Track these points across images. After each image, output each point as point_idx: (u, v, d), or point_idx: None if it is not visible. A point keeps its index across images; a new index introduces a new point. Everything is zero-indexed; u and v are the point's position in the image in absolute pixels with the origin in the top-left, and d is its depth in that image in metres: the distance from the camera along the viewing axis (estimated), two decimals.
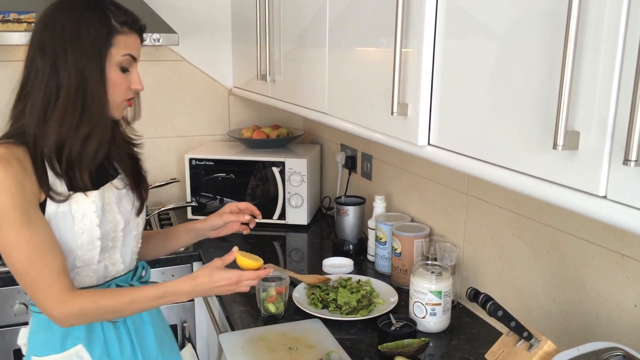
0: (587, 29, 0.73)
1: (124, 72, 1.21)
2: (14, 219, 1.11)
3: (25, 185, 1.12)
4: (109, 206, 1.26)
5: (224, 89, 2.64)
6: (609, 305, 1.19)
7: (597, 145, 0.73)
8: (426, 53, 1.07)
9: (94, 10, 1.17)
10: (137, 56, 1.23)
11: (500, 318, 1.11)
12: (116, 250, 1.30)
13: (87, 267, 1.25)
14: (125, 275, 1.34)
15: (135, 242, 1.35)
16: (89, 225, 1.21)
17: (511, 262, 1.47)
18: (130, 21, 1.20)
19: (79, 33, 1.14)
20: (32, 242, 1.12)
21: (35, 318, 1.29)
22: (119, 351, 1.30)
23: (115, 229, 1.27)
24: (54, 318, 1.16)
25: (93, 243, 1.22)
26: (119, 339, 1.30)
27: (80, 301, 1.16)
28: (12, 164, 1.11)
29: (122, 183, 1.32)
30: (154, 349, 1.37)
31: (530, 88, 0.84)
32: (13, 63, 2.31)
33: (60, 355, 1.25)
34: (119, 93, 1.21)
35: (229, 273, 1.25)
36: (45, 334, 1.26)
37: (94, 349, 1.27)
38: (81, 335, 1.25)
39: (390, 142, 1.24)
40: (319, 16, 1.55)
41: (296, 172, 2.26)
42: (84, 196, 1.20)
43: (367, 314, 1.56)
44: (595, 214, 0.76)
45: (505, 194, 1.46)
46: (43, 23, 1.18)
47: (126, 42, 1.19)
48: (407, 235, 1.73)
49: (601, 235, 1.19)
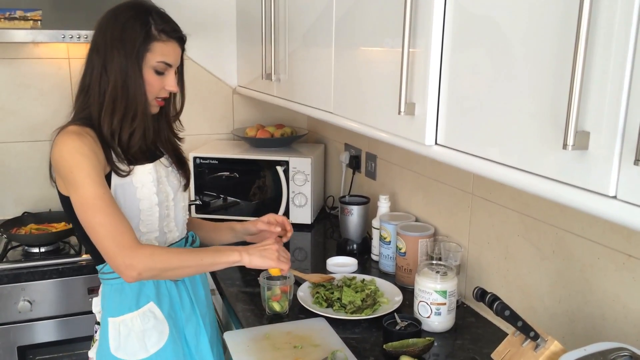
0: (598, 28, 0.73)
1: (159, 75, 1.39)
2: (91, 179, 1.27)
3: (97, 154, 1.31)
4: (161, 179, 1.46)
5: (229, 88, 2.64)
6: (615, 306, 1.19)
7: (608, 145, 0.73)
8: (434, 52, 1.07)
9: (139, 18, 1.35)
10: (173, 62, 1.40)
11: (507, 318, 1.10)
12: (170, 219, 1.49)
13: (150, 234, 1.44)
14: (179, 242, 1.53)
15: (183, 212, 1.55)
16: (147, 193, 1.40)
17: (516, 262, 1.47)
18: (169, 29, 1.38)
19: (123, 37, 1.33)
20: (106, 199, 1.28)
21: (107, 284, 1.44)
22: (181, 307, 1.48)
23: (167, 199, 1.47)
24: (126, 266, 1.26)
25: (152, 209, 1.42)
26: (180, 296, 1.48)
27: (151, 247, 1.30)
28: (85, 136, 1.31)
29: (167, 162, 1.52)
30: (204, 306, 1.56)
31: (540, 87, 0.84)
32: (19, 60, 2.32)
33: (136, 313, 1.41)
34: (152, 92, 1.39)
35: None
36: (119, 296, 1.41)
37: (163, 305, 1.44)
38: (151, 293, 1.43)
39: (396, 141, 1.24)
40: (325, 15, 1.55)
41: (300, 172, 2.26)
42: (142, 169, 1.40)
43: (372, 313, 1.56)
44: (605, 214, 0.75)
45: (510, 194, 1.46)
46: (99, 26, 1.37)
47: (162, 49, 1.37)
48: (411, 235, 1.72)
49: (608, 236, 1.19)
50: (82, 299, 2.01)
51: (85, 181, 1.27)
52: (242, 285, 1.79)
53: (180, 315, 1.48)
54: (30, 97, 2.36)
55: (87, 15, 2.05)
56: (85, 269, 1.99)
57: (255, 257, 1.36)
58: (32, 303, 1.95)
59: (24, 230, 2.15)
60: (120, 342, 1.41)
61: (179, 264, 1.32)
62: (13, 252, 2.07)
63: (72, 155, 1.28)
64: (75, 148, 1.28)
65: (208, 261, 1.34)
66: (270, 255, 1.37)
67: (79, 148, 1.28)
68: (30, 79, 2.35)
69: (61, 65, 2.38)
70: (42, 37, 1.99)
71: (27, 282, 1.94)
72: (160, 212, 1.44)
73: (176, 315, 1.48)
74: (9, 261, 1.99)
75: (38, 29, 1.98)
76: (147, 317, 1.42)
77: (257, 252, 1.37)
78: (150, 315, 1.42)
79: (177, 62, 1.43)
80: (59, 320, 2.01)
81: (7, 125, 2.35)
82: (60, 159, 1.30)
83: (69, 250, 2.09)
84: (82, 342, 2.02)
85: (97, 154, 1.31)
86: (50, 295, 1.98)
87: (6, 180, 2.39)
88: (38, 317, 1.98)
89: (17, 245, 2.10)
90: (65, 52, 2.37)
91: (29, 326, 1.97)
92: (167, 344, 1.43)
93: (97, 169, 1.29)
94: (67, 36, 1.99)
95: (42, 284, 1.96)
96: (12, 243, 2.11)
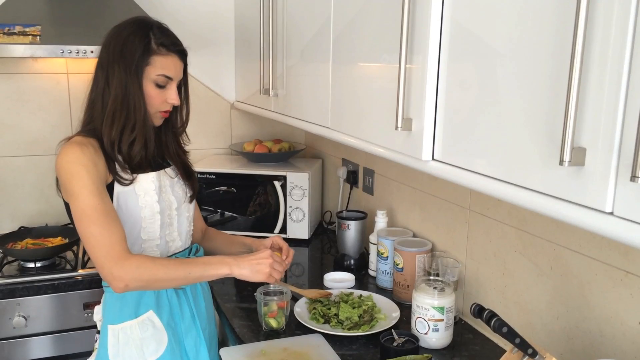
0: (593, 45, 0.73)
1: (160, 88, 1.41)
2: (88, 189, 1.30)
3: (98, 164, 1.34)
4: (165, 188, 1.48)
5: (227, 103, 2.64)
6: (613, 322, 1.18)
7: (604, 162, 0.73)
8: (431, 68, 1.08)
9: (139, 33, 1.38)
10: (174, 76, 1.42)
11: (504, 334, 1.10)
12: (173, 228, 1.51)
13: (151, 242, 1.46)
14: (182, 252, 1.55)
15: (188, 223, 1.57)
16: (149, 201, 1.43)
17: (514, 278, 1.46)
18: (168, 43, 1.40)
19: (124, 52, 1.37)
20: (101, 210, 1.31)
21: (108, 292, 1.46)
22: (181, 317, 1.50)
23: (170, 207, 1.49)
24: (113, 276, 1.28)
25: (154, 216, 1.44)
26: (181, 306, 1.50)
27: (138, 259, 1.31)
28: (87, 146, 1.34)
29: (174, 172, 1.55)
30: (204, 319, 1.57)
31: (536, 104, 0.85)
32: (17, 75, 2.33)
33: (135, 321, 1.43)
34: (154, 105, 1.42)
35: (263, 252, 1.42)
36: (119, 304, 1.43)
37: (163, 314, 1.46)
38: (151, 302, 1.44)
39: (394, 156, 1.24)
40: (323, 31, 1.56)
41: (297, 187, 2.26)
42: (145, 177, 1.43)
43: (369, 330, 1.55)
44: (602, 231, 0.75)
45: (508, 210, 1.46)
46: (104, 42, 1.42)
47: (162, 63, 1.39)
48: (409, 250, 1.72)
49: (605, 252, 1.19)
50: (78, 314, 1.99)
51: (82, 191, 1.30)
52: (238, 300, 1.78)
53: (179, 325, 1.49)
54: (28, 111, 2.36)
55: (86, 31, 2.07)
56: (81, 284, 1.98)
57: (245, 271, 1.36)
58: (27, 318, 1.93)
59: (20, 245, 2.14)
60: (119, 350, 1.42)
61: (166, 275, 1.32)
62: (9, 266, 2.05)
63: (72, 165, 1.31)
64: (75, 158, 1.32)
65: (196, 274, 1.35)
66: (262, 270, 1.37)
67: (78, 158, 1.31)
68: (28, 93, 2.35)
69: (59, 80, 2.38)
70: (41, 52, 2.00)
71: (22, 297, 1.92)
72: (162, 220, 1.46)
73: (175, 325, 1.49)
74: (4, 276, 1.97)
75: (37, 44, 1.98)
76: (145, 326, 1.43)
77: (249, 265, 1.37)
78: (149, 323, 1.43)
79: (178, 76, 1.44)
80: (54, 336, 1.99)
81: (5, 140, 2.35)
82: (60, 168, 1.33)
83: (65, 265, 2.08)
84: (77, 358, 2.00)
85: (97, 164, 1.34)
86: (45, 310, 1.96)
87: (3, 194, 2.38)
88: (33, 332, 1.96)
89: (12, 260, 2.09)
90: (64, 67, 2.38)
91: (24, 342, 1.95)
92: (165, 353, 1.44)
93: (95, 180, 1.32)
94: (66, 51, 2.00)
95: (38, 299, 1.95)
96: (7, 258, 2.10)
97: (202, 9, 2.52)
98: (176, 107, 1.51)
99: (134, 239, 1.43)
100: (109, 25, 1.45)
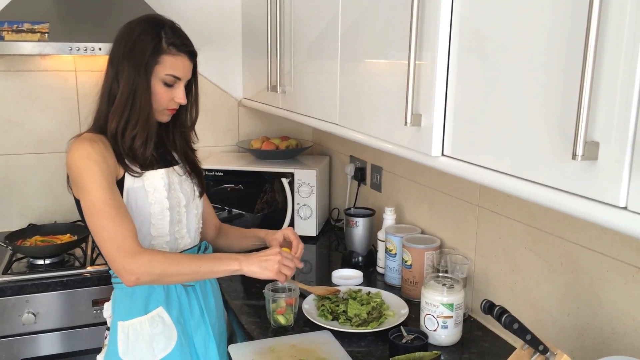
0: (606, 38, 0.72)
1: (168, 87, 1.42)
2: (99, 184, 1.32)
3: (108, 160, 1.36)
4: (173, 185, 1.49)
5: (234, 100, 2.64)
6: (624, 319, 1.17)
7: (617, 156, 0.72)
8: (440, 64, 1.07)
9: (151, 31, 1.39)
10: (182, 76, 1.43)
11: (515, 331, 1.09)
12: (182, 225, 1.52)
13: (160, 238, 1.47)
14: (192, 249, 1.56)
15: (196, 220, 1.58)
16: (159, 197, 1.44)
17: (524, 275, 1.45)
18: (179, 43, 1.41)
19: (134, 50, 1.38)
20: (112, 204, 1.32)
21: (118, 288, 1.47)
22: (190, 313, 1.51)
23: (179, 204, 1.50)
24: (125, 270, 1.29)
25: (163, 213, 1.45)
26: (190, 302, 1.51)
27: (150, 253, 1.32)
28: (97, 142, 1.36)
29: (182, 170, 1.56)
30: (214, 316, 1.58)
31: (548, 98, 0.84)
32: (26, 73, 2.33)
33: (144, 317, 1.44)
34: (161, 103, 1.43)
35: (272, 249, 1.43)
36: (129, 301, 1.44)
37: (172, 310, 1.47)
38: (160, 298, 1.45)
39: (403, 152, 1.24)
40: (331, 28, 1.56)
41: (305, 184, 2.25)
42: (154, 174, 1.44)
43: (378, 326, 1.54)
44: (616, 226, 0.75)
45: (517, 206, 1.45)
46: (115, 39, 1.43)
47: (172, 62, 1.40)
48: (417, 247, 1.71)
49: (617, 248, 1.18)
50: (87, 311, 2.00)
51: (93, 186, 1.32)
52: (246, 297, 1.78)
53: (189, 322, 1.50)
54: (36, 109, 2.37)
55: (94, 28, 2.07)
56: (89, 281, 1.99)
57: (254, 267, 1.37)
58: (37, 315, 1.94)
59: (29, 242, 2.14)
60: (129, 346, 1.42)
61: (176, 270, 1.33)
62: (18, 264, 2.06)
63: (83, 160, 1.33)
64: (85, 153, 1.33)
65: (206, 269, 1.36)
66: (271, 267, 1.37)
67: (89, 154, 1.33)
68: (36, 91, 2.36)
69: (68, 78, 2.39)
70: (49, 49, 2.00)
71: (31, 294, 1.93)
72: (172, 217, 1.47)
73: (185, 321, 1.50)
74: (13, 273, 1.98)
75: (45, 42, 1.99)
76: (155, 322, 1.44)
77: (257, 262, 1.37)
78: (158, 320, 1.44)
79: (186, 76, 1.45)
80: (63, 333, 1.99)
81: (13, 138, 2.36)
82: (71, 164, 1.35)
83: (73, 262, 2.09)
84: (86, 354, 2.01)
85: (107, 159, 1.35)
86: (54, 307, 1.97)
87: (12, 192, 2.39)
88: (42, 329, 1.97)
89: (21, 257, 2.10)
90: (72, 64, 2.38)
91: (33, 339, 1.96)
92: (174, 349, 1.44)
93: (106, 175, 1.33)
94: (74, 48, 2.00)
95: (47, 296, 1.95)
96: (16, 255, 2.11)
97: (210, 7, 2.52)
98: (186, 107, 1.52)
99: (144, 235, 1.44)
100: (117, 23, 1.45)
